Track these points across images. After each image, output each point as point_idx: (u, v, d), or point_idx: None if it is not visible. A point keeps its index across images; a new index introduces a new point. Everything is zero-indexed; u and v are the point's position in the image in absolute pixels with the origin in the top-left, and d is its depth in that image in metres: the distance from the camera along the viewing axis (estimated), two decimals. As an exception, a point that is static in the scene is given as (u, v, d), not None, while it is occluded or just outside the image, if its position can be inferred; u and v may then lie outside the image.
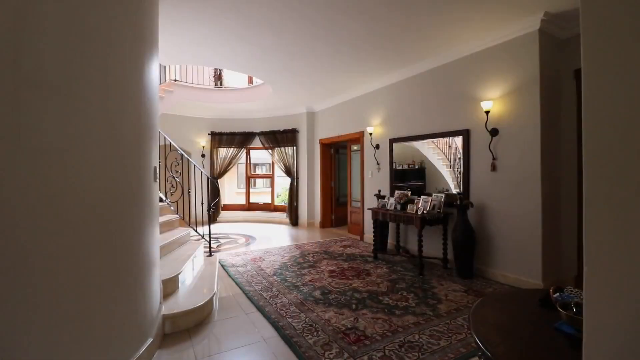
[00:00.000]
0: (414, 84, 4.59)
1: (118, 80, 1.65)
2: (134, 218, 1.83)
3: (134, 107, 1.85)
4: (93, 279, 1.46)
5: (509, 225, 3.41)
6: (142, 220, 1.96)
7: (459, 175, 4.03)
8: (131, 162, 1.77)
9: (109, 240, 1.56)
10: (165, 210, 4.28)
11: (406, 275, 3.66)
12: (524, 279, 3.27)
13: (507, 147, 3.42)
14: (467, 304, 2.90)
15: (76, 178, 1.37)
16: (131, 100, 1.81)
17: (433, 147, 4.36)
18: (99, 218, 1.49)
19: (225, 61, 4.48)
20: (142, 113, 1.97)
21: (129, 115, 1.78)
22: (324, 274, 3.71)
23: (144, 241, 1.98)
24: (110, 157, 1.55)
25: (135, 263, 1.85)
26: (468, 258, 3.54)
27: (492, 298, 2.05)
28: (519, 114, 3.33)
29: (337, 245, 5.23)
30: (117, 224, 1.63)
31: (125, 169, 1.61)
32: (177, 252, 3.58)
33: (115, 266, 1.63)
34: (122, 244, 1.68)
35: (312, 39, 3.65)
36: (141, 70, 1.97)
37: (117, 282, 1.65)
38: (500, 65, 3.49)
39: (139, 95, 1.93)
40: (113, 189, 1.58)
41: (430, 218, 3.67)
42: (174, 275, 2.83)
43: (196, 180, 6.40)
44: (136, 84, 1.89)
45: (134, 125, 1.84)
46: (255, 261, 4.30)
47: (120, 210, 1.66)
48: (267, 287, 3.31)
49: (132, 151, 1.75)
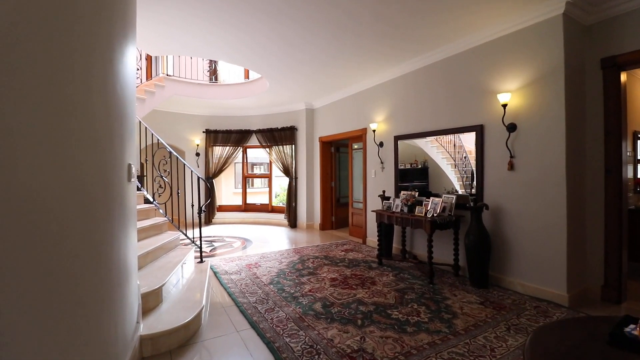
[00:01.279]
0: (422, 76, 4.28)
1: (73, 59, 1.33)
2: (99, 225, 1.51)
3: (98, 93, 1.53)
4: (36, 307, 1.13)
5: (528, 229, 3.10)
6: (111, 227, 1.64)
7: (464, 175, 3.75)
8: (92, 158, 1.44)
9: (59, 255, 1.24)
10: (153, 212, 3.96)
11: (415, 284, 3.35)
12: (546, 289, 2.97)
13: (526, 144, 3.11)
14: (486, 318, 2.59)
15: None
16: (94, 86, 1.48)
17: (437, 145, 4.09)
18: (35, 226, 1.16)
19: (217, 52, 4.15)
20: (111, 101, 1.65)
21: (90, 103, 1.45)
22: (325, 283, 3.40)
23: (114, 252, 1.66)
24: (57, 153, 1.23)
25: (101, 280, 1.52)
26: (483, 265, 3.23)
27: (547, 331, 1.63)
28: (540, 107, 3.02)
29: (338, 250, 4.91)
30: (70, 233, 1.31)
31: (81, 166, 1.29)
32: (164, 259, 3.26)
33: (69, 288, 1.30)
34: (80, 258, 1.35)
35: (311, 25, 3.33)
36: (110, 52, 1.64)
37: (72, 308, 1.32)
38: (518, 54, 3.18)
39: (107, 81, 1.60)
40: (59, 190, 1.26)
41: (441, 222, 3.36)
42: (157, 288, 2.51)
43: (188, 180, 6.07)
44: (103, 66, 1.57)
45: (97, 116, 1.51)
46: (250, 268, 3.98)
47: (74, 217, 1.33)
48: (263, 299, 2.99)
49: (93, 146, 1.43)
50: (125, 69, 1.92)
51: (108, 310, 1.55)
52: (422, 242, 4.23)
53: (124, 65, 1.88)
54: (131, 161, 2.01)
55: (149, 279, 2.65)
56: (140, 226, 3.36)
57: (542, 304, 2.87)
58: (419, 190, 4.17)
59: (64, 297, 1.10)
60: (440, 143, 4.06)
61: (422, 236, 4.22)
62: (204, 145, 7.48)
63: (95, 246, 1.38)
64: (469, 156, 3.72)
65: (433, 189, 4.14)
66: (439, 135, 4.01)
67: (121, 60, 1.84)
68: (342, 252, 4.78)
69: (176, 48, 4.09)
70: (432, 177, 4.18)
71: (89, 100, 1.33)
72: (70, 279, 1.15)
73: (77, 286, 1.20)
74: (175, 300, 2.65)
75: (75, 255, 1.18)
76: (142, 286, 2.48)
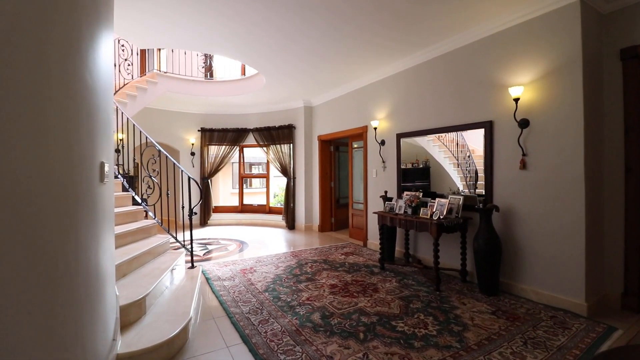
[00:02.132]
0: (425, 71, 4.06)
1: (18, 34, 1.10)
2: (62, 232, 1.28)
3: (57, 80, 1.30)
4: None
5: (543, 232, 2.88)
6: (75, 233, 1.41)
7: (468, 174, 3.55)
8: (47, 156, 1.22)
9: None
10: (141, 214, 3.73)
11: (420, 291, 3.13)
12: (562, 297, 2.75)
13: (541, 141, 2.89)
14: (500, 330, 2.37)
15: None
16: (52, 70, 1.26)
17: (439, 144, 3.91)
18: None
19: (209, 44, 3.92)
20: (76, 90, 1.42)
21: (45, 89, 1.22)
22: (324, 290, 3.17)
23: (80, 262, 1.44)
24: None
25: (61, 295, 1.30)
26: (493, 271, 3.02)
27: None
28: (555, 101, 2.80)
29: (338, 253, 4.69)
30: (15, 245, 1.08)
31: (27, 165, 1.06)
32: (151, 265, 3.04)
33: (20, 306, 1.08)
34: (31, 275, 1.13)
35: (308, 14, 3.11)
36: (75, 33, 1.42)
37: (31, 331, 1.10)
38: (530, 44, 2.96)
39: (71, 66, 1.38)
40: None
41: (448, 224, 3.15)
42: (139, 299, 2.28)
43: (181, 180, 5.82)
44: (64, 48, 1.34)
45: (55, 106, 1.29)
46: (245, 273, 3.76)
47: (14, 225, 1.11)
48: (257, 308, 2.77)
49: (47, 141, 1.20)
50: (97, 55, 1.70)
51: (73, 329, 1.33)
52: (427, 245, 4.01)
53: (95, 51, 1.66)
54: (105, 159, 1.78)
55: (132, 288, 2.43)
56: (126, 230, 3.14)
57: (558, 313, 2.66)
58: (421, 190, 3.97)
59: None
60: (442, 142, 3.88)
61: (427, 239, 4.01)
62: (199, 145, 7.26)
63: (52, 257, 1.15)
64: (472, 155, 3.53)
65: (435, 189, 3.96)
66: (445, 133, 3.80)
67: (91, 45, 1.62)
68: (342, 255, 4.56)
69: (166, 41, 3.87)
70: (434, 176, 4.00)
71: (45, 86, 1.10)
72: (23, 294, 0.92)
73: (28, 302, 0.97)
74: (160, 312, 2.43)
75: (46, 275, 0.95)
76: (122, 297, 2.25)
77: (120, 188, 3.86)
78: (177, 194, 6.12)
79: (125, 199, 3.73)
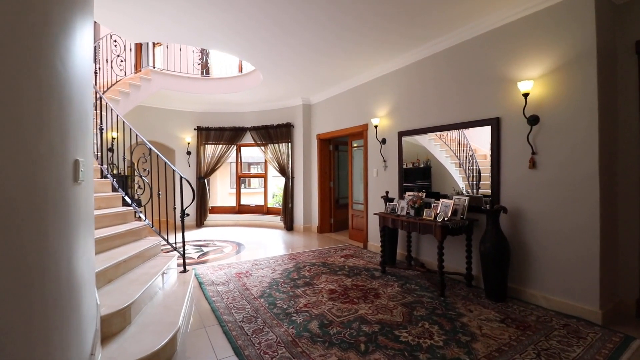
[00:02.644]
0: (429, 66, 3.90)
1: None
2: (23, 239, 1.12)
3: (17, 67, 1.14)
4: None
5: (553, 235, 2.73)
6: (43, 240, 1.25)
7: (470, 174, 3.41)
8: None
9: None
10: (131, 216, 3.57)
11: (424, 297, 2.97)
12: (574, 304, 2.60)
13: (552, 139, 2.74)
14: (510, 341, 2.21)
15: None
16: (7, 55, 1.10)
17: (440, 143, 3.79)
18: None
19: (203, 38, 3.76)
20: (43, 79, 1.26)
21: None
22: (323, 296, 3.01)
23: (49, 273, 1.27)
24: None
25: (24, 309, 1.14)
26: (500, 275, 2.86)
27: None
28: (567, 96, 2.65)
29: (337, 255, 4.53)
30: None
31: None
32: (140, 269, 2.87)
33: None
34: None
35: (306, 5, 2.95)
36: (43, 17, 1.25)
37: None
38: (541, 37, 2.80)
39: (35, 51, 1.21)
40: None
41: (453, 227, 2.99)
42: (124, 307, 2.12)
43: (172, 180, 5.66)
44: (27, 30, 1.18)
45: (12, 96, 1.13)
46: (240, 277, 3.59)
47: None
48: (251, 316, 2.61)
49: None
50: (72, 43, 1.54)
51: (40, 346, 1.16)
52: (430, 248, 3.86)
53: (68, 37, 1.49)
54: (81, 157, 1.62)
55: (116, 295, 2.27)
56: (114, 232, 2.98)
57: (571, 321, 2.50)
58: (424, 190, 3.84)
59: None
60: (444, 141, 3.76)
61: (430, 241, 3.85)
62: (196, 144, 7.09)
63: (10, 268, 0.99)
64: (475, 154, 3.40)
65: (436, 189, 3.84)
66: (449, 130, 3.64)
67: (64, 30, 1.46)
68: (342, 258, 4.40)
69: (159, 35, 3.70)
70: (435, 176, 3.88)
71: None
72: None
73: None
74: (147, 321, 2.26)
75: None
76: (104, 305, 2.09)
77: (110, 188, 3.70)
78: (172, 194, 5.95)
79: (114, 199, 3.57)
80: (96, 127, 3.86)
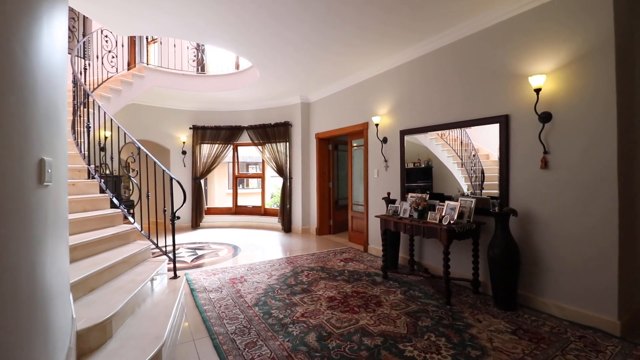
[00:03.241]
0: (432, 62, 3.73)
1: None
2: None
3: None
4: None
5: (567, 238, 2.56)
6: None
7: (473, 174, 3.26)
8: None
9: None
10: (120, 218, 3.38)
11: (429, 305, 2.80)
12: (590, 313, 2.43)
13: (565, 137, 2.57)
14: (524, 355, 2.04)
15: None
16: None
17: (442, 143, 3.65)
18: None
19: (196, 32, 3.58)
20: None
21: None
22: (321, 304, 2.84)
23: (7, 290, 1.10)
24: None
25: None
26: (510, 282, 2.69)
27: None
28: (583, 92, 2.47)
29: (336, 259, 4.35)
30: None
31: None
32: (126, 276, 2.69)
33: None
34: None
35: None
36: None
37: None
38: (553, 28, 2.63)
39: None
40: None
41: (460, 231, 2.82)
42: (104, 320, 1.94)
43: (162, 180, 5.46)
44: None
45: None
46: (234, 283, 3.42)
47: None
48: (244, 327, 2.43)
49: None
50: (37, 27, 1.36)
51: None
52: (433, 252, 3.69)
53: (33, 20, 1.32)
54: (48, 155, 1.44)
55: (97, 306, 2.09)
56: (99, 236, 2.80)
57: (587, 332, 2.33)
58: (423, 191, 3.69)
59: None
60: (445, 140, 3.62)
61: (434, 245, 3.68)
62: (191, 143, 6.91)
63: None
64: (478, 154, 3.27)
65: (437, 190, 3.70)
66: (453, 129, 3.48)
67: (27, 13, 1.28)
68: (341, 262, 4.22)
69: (150, 28, 3.52)
70: (437, 177, 3.74)
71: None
72: None
73: None
74: (130, 334, 2.08)
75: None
76: (82, 318, 1.91)
77: (98, 189, 3.52)
78: (167, 196, 5.77)
79: (101, 201, 3.39)
80: (83, 125, 3.68)
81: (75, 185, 3.35)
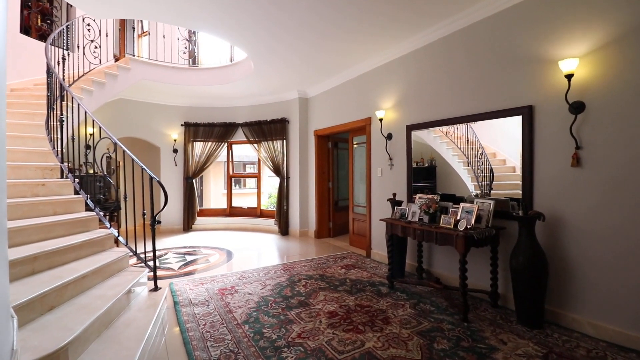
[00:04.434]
0: (441, 49, 3.39)
1: None
2: None
3: None
4: None
5: (604, 248, 2.22)
6: None
7: (480, 174, 2.95)
8: None
9: None
10: (95, 222, 3.03)
11: (443, 322, 2.46)
12: (631, 333, 2.09)
13: (601, 130, 2.23)
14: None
15: None
16: None
17: (447, 141, 3.38)
18: None
19: (180, 15, 3.23)
20: None
21: None
22: (321, 321, 2.49)
23: None
24: None
25: None
26: (537, 296, 2.35)
27: None
28: (622, 78, 2.14)
29: (337, 266, 4.01)
30: None
31: None
32: (97, 290, 2.34)
33: None
34: None
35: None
36: None
37: None
38: (585, 5, 2.30)
39: None
40: None
41: (479, 237, 2.47)
42: (59, 349, 1.58)
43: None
44: None
45: None
46: (223, 295, 3.07)
47: None
48: (230, 352, 2.08)
49: None
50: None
51: None
52: (445, 259, 3.35)
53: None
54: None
55: (52, 331, 1.73)
56: (66, 244, 2.45)
57: (630, 356, 2.00)
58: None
59: None
60: (450, 138, 3.36)
61: (446, 252, 3.34)
62: (183, 141, 6.55)
63: None
64: (485, 152, 3.01)
65: (441, 190, 3.43)
66: (466, 123, 3.15)
67: None
68: (342, 269, 3.88)
69: (128, 11, 3.16)
70: (441, 176, 3.47)
71: None
72: None
73: None
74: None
75: None
76: (30, 348, 1.56)
77: (72, 190, 3.16)
78: (155, 197, 5.40)
79: (74, 203, 3.03)
80: (56, 119, 3.33)
81: (45, 185, 2.99)
